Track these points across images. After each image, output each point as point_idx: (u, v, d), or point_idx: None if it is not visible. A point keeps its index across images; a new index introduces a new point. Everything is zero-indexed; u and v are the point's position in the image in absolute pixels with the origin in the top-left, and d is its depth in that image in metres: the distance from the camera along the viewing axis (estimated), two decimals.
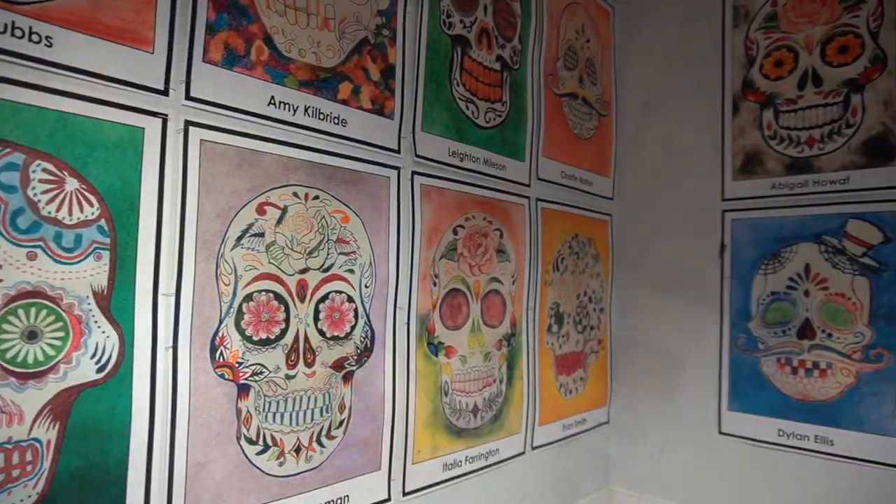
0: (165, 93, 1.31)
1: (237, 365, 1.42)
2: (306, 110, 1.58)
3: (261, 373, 1.46)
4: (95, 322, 1.19)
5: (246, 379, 1.44)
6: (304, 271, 1.56)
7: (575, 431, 2.63)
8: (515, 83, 2.29)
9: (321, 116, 1.61)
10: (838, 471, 2.26)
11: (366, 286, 1.72)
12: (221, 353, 1.39)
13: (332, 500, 1.62)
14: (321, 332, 1.60)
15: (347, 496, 1.66)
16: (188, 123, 1.34)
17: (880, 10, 2.25)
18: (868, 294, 2.22)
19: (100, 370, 1.19)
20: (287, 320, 1.52)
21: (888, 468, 2.15)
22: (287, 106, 1.54)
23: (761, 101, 2.52)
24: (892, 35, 2.22)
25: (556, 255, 2.50)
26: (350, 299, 1.68)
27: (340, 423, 1.65)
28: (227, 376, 1.40)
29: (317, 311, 1.59)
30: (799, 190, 2.39)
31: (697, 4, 2.74)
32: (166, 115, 1.31)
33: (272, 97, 1.50)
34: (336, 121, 1.65)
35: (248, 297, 1.44)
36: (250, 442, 1.45)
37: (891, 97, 2.21)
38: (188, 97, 1.34)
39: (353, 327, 1.68)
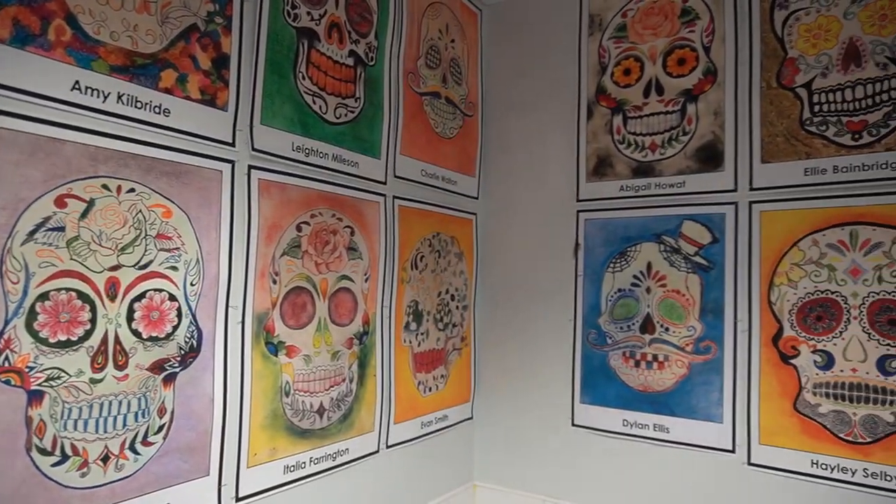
0: None
1: (27, 370, 1.31)
2: (120, 97, 1.48)
3: (58, 377, 1.36)
4: None
5: (39, 385, 1.33)
6: (115, 268, 1.47)
7: (436, 428, 2.65)
8: (371, 79, 2.27)
9: (138, 105, 1.52)
10: (674, 456, 2.41)
11: (192, 284, 1.64)
12: (7, 358, 1.28)
13: None
14: (136, 333, 1.51)
15: None
16: None
17: (712, 26, 2.41)
18: (699, 290, 2.38)
19: None
20: (93, 320, 1.42)
21: (714, 451, 2.32)
22: (95, 92, 1.44)
23: (612, 106, 2.64)
24: (722, 50, 2.39)
25: (415, 254, 2.51)
26: (172, 298, 1.59)
27: (160, 429, 1.56)
28: (13, 382, 1.29)
29: (131, 311, 1.50)
30: (643, 192, 2.53)
31: (559, 11, 2.84)
32: None
33: (76, 82, 1.40)
34: (157, 110, 1.56)
35: (44, 296, 1.34)
36: (44, 453, 1.34)
37: (720, 107, 2.37)
38: None
39: (175, 327, 1.60)
